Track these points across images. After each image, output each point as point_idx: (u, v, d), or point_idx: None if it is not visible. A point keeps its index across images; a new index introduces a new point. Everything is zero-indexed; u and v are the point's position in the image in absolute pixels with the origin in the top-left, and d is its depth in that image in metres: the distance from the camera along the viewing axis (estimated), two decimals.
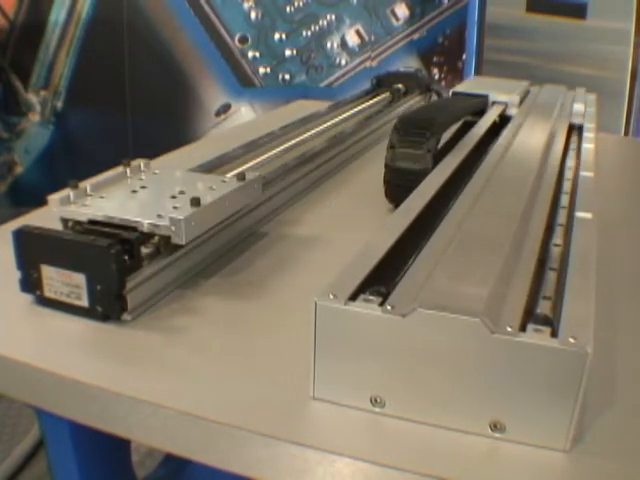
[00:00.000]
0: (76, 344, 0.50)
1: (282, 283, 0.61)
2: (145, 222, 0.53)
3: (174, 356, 0.49)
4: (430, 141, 0.72)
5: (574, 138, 0.90)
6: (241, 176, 0.63)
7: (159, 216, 0.54)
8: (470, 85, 1.08)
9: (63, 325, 0.52)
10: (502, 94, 0.97)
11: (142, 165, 0.66)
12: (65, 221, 0.56)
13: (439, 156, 0.73)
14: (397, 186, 0.73)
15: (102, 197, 0.58)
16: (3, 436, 1.39)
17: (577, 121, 0.96)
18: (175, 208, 0.55)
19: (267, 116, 1.73)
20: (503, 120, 0.92)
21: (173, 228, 0.53)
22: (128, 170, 0.64)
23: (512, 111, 0.95)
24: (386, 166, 0.74)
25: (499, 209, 0.57)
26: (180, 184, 0.62)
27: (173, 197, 0.58)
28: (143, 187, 0.61)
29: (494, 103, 0.97)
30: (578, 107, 1.00)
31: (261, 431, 0.41)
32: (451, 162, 0.70)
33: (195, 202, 0.55)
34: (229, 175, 0.67)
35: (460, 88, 1.01)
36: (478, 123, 0.87)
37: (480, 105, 0.96)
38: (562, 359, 0.38)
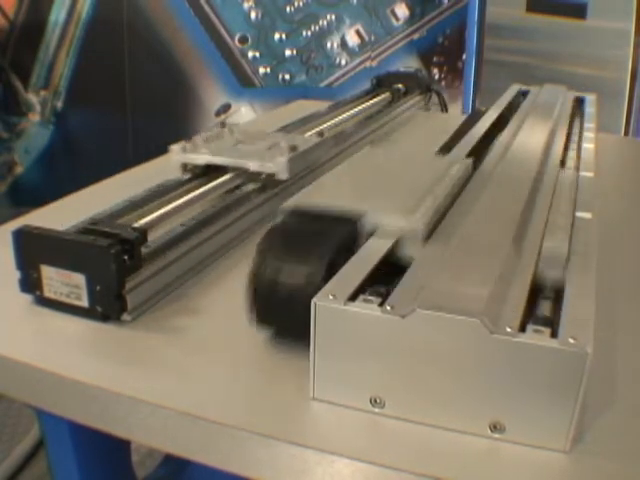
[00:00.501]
0: (76, 344, 0.50)
1: None
2: (253, 163, 0.68)
3: (174, 356, 0.49)
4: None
5: (574, 138, 0.90)
6: (320, 133, 0.82)
7: (263, 159, 0.68)
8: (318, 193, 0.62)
9: (63, 325, 0.52)
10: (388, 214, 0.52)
11: (233, 128, 0.79)
12: (184, 166, 0.70)
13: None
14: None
15: (211, 148, 0.71)
16: (3, 436, 1.39)
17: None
18: (275, 154, 0.69)
19: (267, 116, 1.73)
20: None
21: (278, 167, 0.68)
22: (225, 130, 0.77)
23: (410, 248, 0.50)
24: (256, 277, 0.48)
25: (499, 209, 0.57)
26: (270, 140, 0.75)
27: (269, 148, 0.72)
28: (241, 142, 0.74)
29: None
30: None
31: (261, 431, 0.41)
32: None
33: (293, 148, 0.71)
34: (309, 133, 0.85)
35: (298, 201, 0.55)
36: None
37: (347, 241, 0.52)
38: (562, 359, 0.38)
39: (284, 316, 0.47)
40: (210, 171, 0.71)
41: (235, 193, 0.70)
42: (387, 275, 0.47)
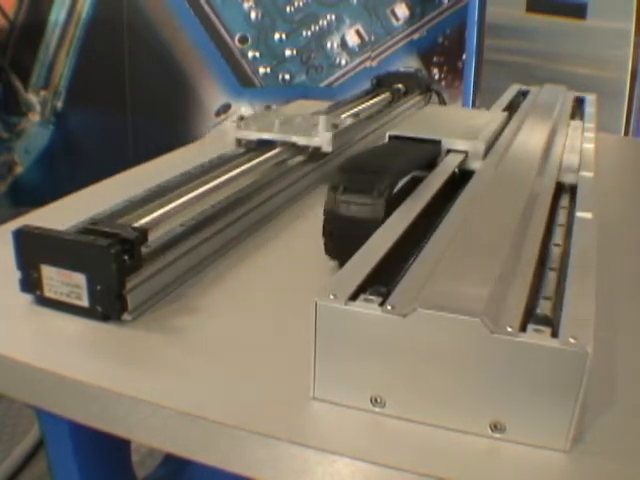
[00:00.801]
0: (76, 344, 0.50)
1: (283, 282, 0.61)
2: (301, 138, 0.80)
3: (174, 356, 0.49)
4: (383, 185, 0.58)
5: (574, 138, 0.90)
6: (355, 114, 0.96)
7: (310, 135, 0.80)
8: (413, 126, 0.80)
9: (63, 325, 0.52)
10: (460, 139, 0.72)
11: (276, 110, 0.94)
12: (239, 141, 0.81)
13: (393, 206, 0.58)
14: (341, 238, 0.57)
15: (262, 126, 0.82)
16: (3, 436, 1.39)
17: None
18: (320, 130, 0.81)
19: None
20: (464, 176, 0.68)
21: (324, 141, 0.80)
22: (270, 111, 0.93)
23: (475, 164, 0.70)
24: (327, 213, 0.57)
25: (499, 209, 0.57)
26: (311, 119, 0.86)
27: (313, 126, 0.83)
28: (286, 120, 0.85)
29: (449, 151, 0.72)
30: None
31: (261, 431, 0.41)
32: (446, 170, 0.70)
33: (335, 126, 0.84)
34: (344, 115, 0.97)
35: (400, 130, 0.74)
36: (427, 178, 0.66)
37: (429, 156, 0.71)
38: (562, 359, 0.38)
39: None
40: (260, 146, 0.82)
41: (284, 165, 0.80)
42: (389, 272, 0.47)
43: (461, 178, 0.67)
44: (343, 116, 0.95)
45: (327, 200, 0.58)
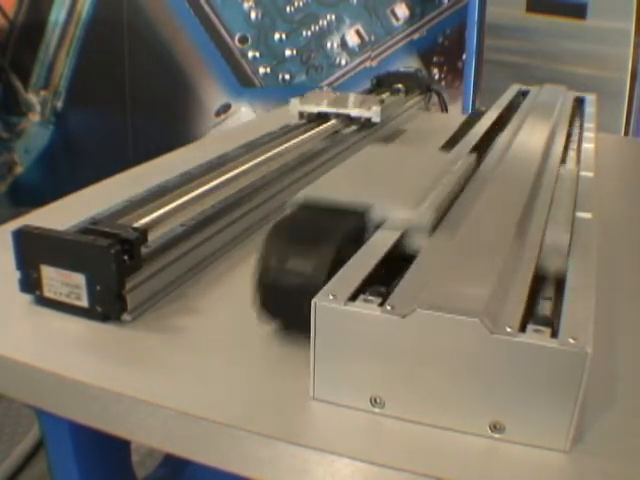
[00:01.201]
0: (76, 344, 0.50)
1: None
2: (355, 111, 0.96)
3: (174, 356, 0.49)
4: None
5: (574, 138, 0.90)
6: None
7: (362, 108, 0.96)
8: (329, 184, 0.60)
9: (63, 325, 0.52)
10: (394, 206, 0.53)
11: (327, 90, 1.04)
12: (301, 114, 0.97)
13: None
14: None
15: (320, 102, 0.97)
16: (3, 436, 1.39)
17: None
18: (370, 105, 0.97)
19: (267, 116, 1.73)
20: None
21: (374, 113, 0.96)
22: (322, 92, 1.04)
23: (417, 243, 0.52)
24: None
25: (499, 209, 0.57)
26: (357, 98, 1.03)
27: (362, 102, 0.99)
28: (338, 98, 1.01)
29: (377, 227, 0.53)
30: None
31: (261, 431, 0.41)
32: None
33: (382, 101, 0.99)
34: (384, 95, 1.08)
35: (309, 192, 0.56)
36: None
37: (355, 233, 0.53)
38: (562, 359, 0.38)
39: (288, 309, 0.47)
40: (318, 118, 0.97)
41: (339, 134, 0.95)
42: (389, 273, 0.47)
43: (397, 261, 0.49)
44: (384, 95, 1.10)
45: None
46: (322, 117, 0.97)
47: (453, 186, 0.60)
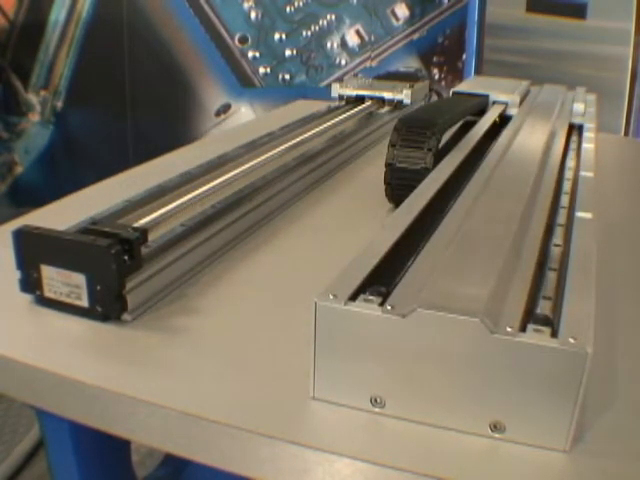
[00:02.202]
0: (76, 344, 0.50)
1: (283, 282, 0.61)
2: (388, 94, 1.13)
3: (174, 356, 0.49)
4: (431, 141, 0.72)
5: (574, 138, 0.90)
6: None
7: (394, 92, 1.13)
8: (471, 85, 1.08)
9: (63, 325, 0.52)
10: (502, 94, 0.97)
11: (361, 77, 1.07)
12: (340, 97, 1.12)
13: (440, 156, 0.73)
14: (398, 186, 0.74)
15: (357, 86, 1.13)
16: (3, 436, 1.39)
17: (577, 121, 0.96)
18: (401, 89, 1.13)
19: (267, 116, 1.73)
20: (503, 120, 0.92)
21: (405, 96, 1.13)
22: (357, 79, 1.17)
23: (512, 111, 0.96)
24: (387, 165, 0.74)
25: (499, 209, 0.57)
26: (391, 84, 1.17)
27: (394, 86, 1.15)
28: (373, 83, 1.17)
29: (494, 103, 0.97)
30: (578, 107, 1.00)
31: (261, 431, 0.41)
32: (451, 162, 0.70)
33: (411, 86, 1.14)
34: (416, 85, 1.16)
35: (461, 88, 1.01)
36: (478, 123, 0.87)
37: (480, 105, 0.96)
38: (562, 359, 0.38)
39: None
40: (355, 100, 1.12)
41: (373, 114, 1.09)
42: (388, 272, 0.47)
43: (501, 124, 0.89)
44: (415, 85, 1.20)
45: (387, 155, 0.73)
46: (359, 100, 1.13)
47: (526, 86, 1.06)
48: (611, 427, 0.42)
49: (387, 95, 1.13)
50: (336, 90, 1.12)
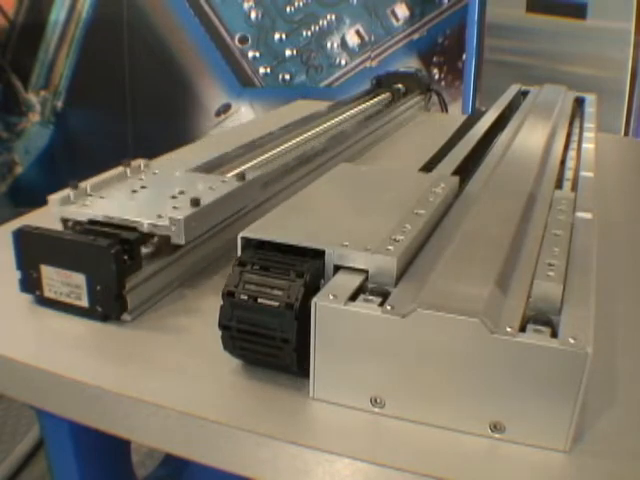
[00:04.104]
0: (76, 344, 0.50)
1: None
2: (145, 222, 0.54)
3: (174, 356, 0.49)
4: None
5: (574, 138, 0.90)
6: (241, 176, 0.64)
7: (159, 216, 0.55)
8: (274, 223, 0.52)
9: (63, 325, 0.52)
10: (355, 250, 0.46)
11: (142, 165, 0.67)
12: (65, 221, 0.57)
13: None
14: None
15: (102, 197, 0.59)
16: (3, 436, 1.39)
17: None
18: (175, 208, 0.56)
19: (267, 116, 1.73)
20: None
21: (173, 228, 0.54)
22: (128, 170, 0.65)
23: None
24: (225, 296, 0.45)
25: (499, 209, 0.57)
26: (180, 184, 0.62)
27: (173, 197, 0.59)
28: (143, 187, 0.62)
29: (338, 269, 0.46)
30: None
31: (261, 431, 0.41)
32: (451, 162, 0.70)
33: (195, 202, 0.56)
34: (229, 175, 0.68)
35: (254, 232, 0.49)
36: None
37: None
38: (562, 359, 0.38)
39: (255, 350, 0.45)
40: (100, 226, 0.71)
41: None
42: None
43: None
44: (230, 174, 0.74)
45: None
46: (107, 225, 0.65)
47: (431, 215, 0.53)
48: (611, 427, 0.42)
49: (149, 222, 0.55)
50: (57, 210, 0.57)
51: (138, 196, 0.60)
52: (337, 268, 0.45)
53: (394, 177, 0.62)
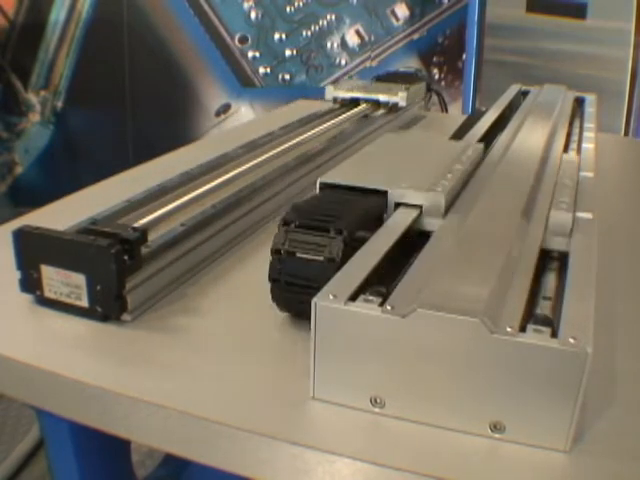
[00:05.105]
0: (76, 344, 0.50)
1: None
2: (383, 96, 1.09)
3: (174, 356, 0.49)
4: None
5: (574, 138, 0.90)
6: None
7: (389, 94, 1.09)
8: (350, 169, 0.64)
9: (63, 325, 0.52)
10: (411, 189, 0.56)
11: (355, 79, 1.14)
12: (334, 99, 1.09)
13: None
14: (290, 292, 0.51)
15: (350, 88, 1.10)
16: (3, 436, 1.39)
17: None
18: (396, 91, 1.10)
19: (267, 116, 1.73)
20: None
21: (401, 98, 1.09)
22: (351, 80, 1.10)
23: (433, 222, 0.56)
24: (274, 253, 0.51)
25: (499, 209, 0.57)
26: (386, 86, 1.14)
27: (389, 88, 1.12)
28: (366, 85, 1.13)
29: (399, 206, 0.57)
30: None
31: (261, 431, 0.41)
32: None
33: (407, 88, 1.11)
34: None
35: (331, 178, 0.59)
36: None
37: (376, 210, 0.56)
38: (562, 359, 0.38)
39: (301, 300, 0.48)
40: (349, 103, 1.09)
41: (368, 117, 1.06)
42: (389, 272, 0.47)
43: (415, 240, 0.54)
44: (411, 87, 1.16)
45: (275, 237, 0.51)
46: (354, 102, 1.09)
47: (463, 172, 0.65)
48: (611, 427, 0.42)
49: (382, 97, 1.09)
50: (330, 92, 1.09)
51: (369, 88, 1.11)
52: (397, 206, 0.56)
53: (432, 142, 0.79)
